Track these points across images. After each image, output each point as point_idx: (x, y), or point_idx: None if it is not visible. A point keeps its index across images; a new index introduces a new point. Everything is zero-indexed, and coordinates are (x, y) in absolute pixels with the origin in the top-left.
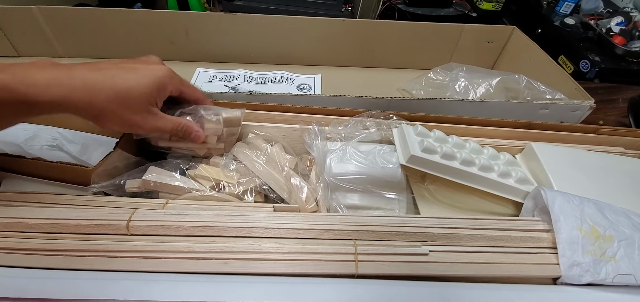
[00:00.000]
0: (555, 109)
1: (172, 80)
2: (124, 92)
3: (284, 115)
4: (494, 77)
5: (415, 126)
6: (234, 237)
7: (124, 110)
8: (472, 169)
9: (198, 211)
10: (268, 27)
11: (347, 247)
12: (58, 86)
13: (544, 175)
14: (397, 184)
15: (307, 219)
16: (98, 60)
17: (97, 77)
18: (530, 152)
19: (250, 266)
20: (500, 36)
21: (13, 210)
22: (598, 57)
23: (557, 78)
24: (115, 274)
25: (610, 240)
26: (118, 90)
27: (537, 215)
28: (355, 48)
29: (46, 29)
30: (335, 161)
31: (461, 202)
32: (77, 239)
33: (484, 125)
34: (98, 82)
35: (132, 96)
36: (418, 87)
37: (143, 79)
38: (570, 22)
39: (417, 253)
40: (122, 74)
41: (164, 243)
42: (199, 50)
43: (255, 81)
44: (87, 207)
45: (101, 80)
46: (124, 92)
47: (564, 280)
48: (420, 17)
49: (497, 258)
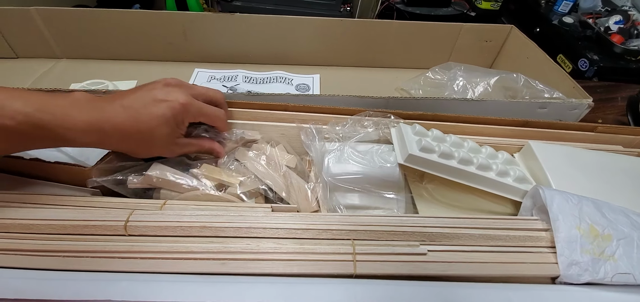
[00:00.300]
0: (554, 107)
1: (188, 112)
2: (149, 135)
3: (282, 113)
4: (492, 76)
5: (413, 125)
6: (231, 237)
7: (152, 148)
8: (470, 168)
9: (196, 211)
10: (266, 27)
11: (345, 247)
12: (92, 133)
13: (542, 174)
14: (395, 184)
15: (305, 219)
16: (126, 90)
17: (125, 120)
18: (528, 150)
19: (248, 267)
20: (498, 35)
21: (10, 211)
22: (596, 56)
23: (556, 77)
24: (113, 275)
25: (609, 239)
26: (143, 133)
27: (536, 214)
28: (354, 48)
29: (44, 30)
30: (333, 161)
31: (459, 201)
32: (74, 240)
33: (482, 124)
34: (126, 127)
35: (156, 138)
36: (416, 87)
37: (163, 120)
38: (569, 20)
39: (416, 253)
40: (144, 116)
41: (162, 244)
42: (197, 50)
43: (253, 81)
44: (85, 208)
45: (128, 124)
46: (149, 135)
47: (563, 279)
48: (419, 16)
49: (496, 257)
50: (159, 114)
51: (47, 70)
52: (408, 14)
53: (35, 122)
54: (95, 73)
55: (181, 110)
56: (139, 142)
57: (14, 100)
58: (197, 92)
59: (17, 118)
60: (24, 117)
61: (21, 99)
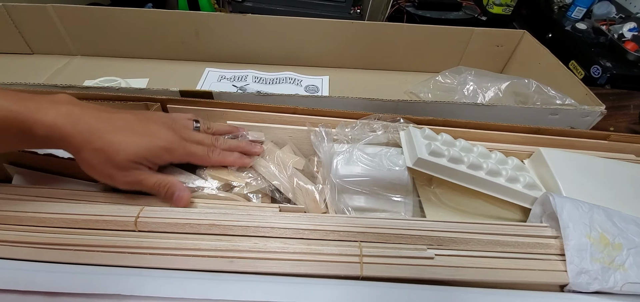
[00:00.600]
0: (565, 114)
1: (170, 154)
2: (110, 157)
3: (292, 116)
4: (503, 81)
5: (422, 129)
6: (239, 236)
7: (106, 174)
8: (479, 173)
9: (205, 209)
10: (277, 28)
11: (352, 249)
12: (56, 130)
13: (552, 181)
14: (403, 187)
15: (312, 220)
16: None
17: (91, 128)
18: (539, 157)
19: (256, 265)
20: (510, 40)
21: (24, 204)
22: (609, 63)
23: (568, 83)
24: (123, 270)
25: (620, 248)
26: (105, 153)
27: (545, 221)
28: (364, 50)
29: (60, 27)
30: (342, 163)
31: (468, 206)
32: (85, 234)
33: (492, 130)
34: (90, 136)
35: (116, 164)
36: (426, 90)
37: (133, 151)
38: (582, 27)
39: (423, 257)
40: (116, 137)
41: (171, 240)
42: (208, 50)
43: (263, 82)
44: (96, 202)
45: (94, 135)
46: (110, 157)
47: (572, 287)
48: (429, 20)
49: (504, 264)
50: (136, 140)
51: (61, 66)
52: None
53: (5, 114)
54: (109, 70)
55: (158, 148)
56: (98, 160)
57: None
58: (192, 138)
59: None
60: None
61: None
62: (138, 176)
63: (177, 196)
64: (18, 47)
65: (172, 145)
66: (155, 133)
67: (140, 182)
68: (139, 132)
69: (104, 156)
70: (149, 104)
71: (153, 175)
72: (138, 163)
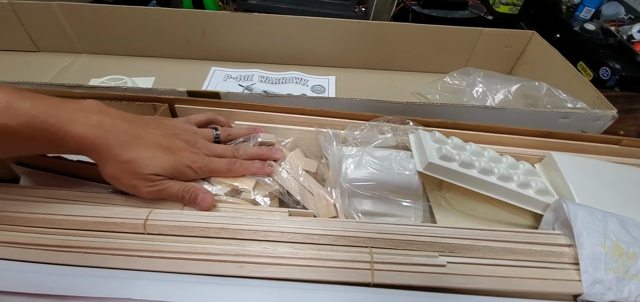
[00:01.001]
0: (576, 118)
1: (194, 172)
2: (137, 172)
3: (300, 117)
4: (513, 83)
5: (432, 133)
6: (249, 240)
7: (133, 187)
8: (490, 178)
9: (214, 212)
10: (283, 27)
11: (362, 255)
12: (87, 143)
13: (564, 186)
14: (413, 191)
15: (322, 225)
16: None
17: (120, 143)
18: (550, 162)
19: (265, 270)
20: (518, 41)
21: (33, 205)
22: (619, 65)
23: (578, 86)
24: (132, 273)
25: (634, 257)
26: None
27: (558, 228)
28: (370, 50)
29: (66, 25)
30: (352, 167)
31: (478, 211)
32: (94, 237)
33: (503, 133)
34: (117, 150)
35: (145, 171)
36: (433, 91)
37: (160, 167)
38: (591, 27)
39: (435, 264)
40: (145, 153)
41: (180, 243)
42: (214, 49)
43: (269, 81)
44: (105, 205)
45: (121, 150)
46: (137, 172)
47: (586, 297)
48: (434, 19)
49: (517, 272)
50: (157, 160)
51: (67, 64)
52: (424, 16)
53: (37, 125)
54: (115, 69)
55: (177, 170)
56: (125, 172)
57: (22, 101)
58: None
59: (19, 119)
60: (27, 118)
61: (29, 100)
62: (162, 186)
63: (201, 198)
64: (24, 45)
65: (196, 164)
66: (180, 151)
67: (165, 191)
68: (166, 149)
69: (132, 169)
70: (156, 105)
71: (176, 183)
72: (162, 176)
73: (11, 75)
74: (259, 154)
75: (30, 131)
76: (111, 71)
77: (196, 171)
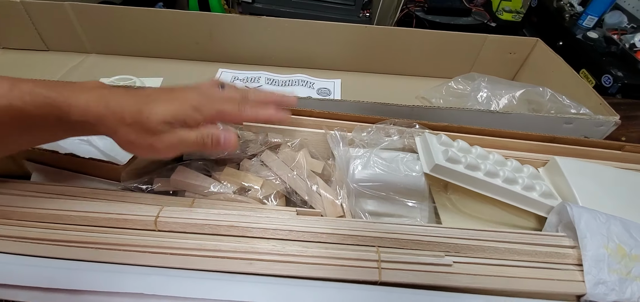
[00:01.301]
0: (580, 123)
1: (199, 112)
2: (146, 125)
3: (308, 119)
4: (517, 89)
5: (438, 135)
6: (258, 238)
7: (151, 146)
8: (496, 180)
9: (224, 210)
10: (290, 30)
11: (370, 254)
12: (92, 109)
13: (568, 190)
14: (419, 193)
15: (330, 224)
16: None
17: (125, 103)
18: (554, 166)
19: (275, 268)
20: (522, 48)
21: (45, 201)
22: (621, 73)
23: (582, 92)
24: (144, 269)
25: (636, 259)
26: (142, 122)
27: (562, 230)
28: (376, 54)
29: (77, 25)
30: (359, 168)
31: (483, 213)
32: (106, 232)
33: (507, 138)
34: (124, 110)
35: (150, 124)
36: (438, 96)
37: (165, 114)
38: (593, 36)
39: (441, 264)
40: (147, 105)
41: (191, 240)
42: (221, 51)
43: (276, 83)
44: (117, 201)
45: (128, 108)
46: (146, 125)
47: (589, 298)
48: (438, 25)
49: (521, 272)
50: (161, 107)
51: (76, 64)
52: (428, 22)
53: (41, 100)
54: (123, 69)
55: (189, 110)
56: (134, 133)
57: (24, 83)
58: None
59: (24, 98)
60: (31, 97)
61: (31, 82)
62: (177, 136)
63: (224, 139)
64: (33, 44)
65: (200, 103)
66: (181, 96)
67: (182, 142)
68: (166, 99)
69: (139, 127)
70: None
71: (192, 131)
72: (171, 124)
73: (21, 74)
74: (272, 98)
75: (35, 109)
76: (120, 71)
77: (201, 111)
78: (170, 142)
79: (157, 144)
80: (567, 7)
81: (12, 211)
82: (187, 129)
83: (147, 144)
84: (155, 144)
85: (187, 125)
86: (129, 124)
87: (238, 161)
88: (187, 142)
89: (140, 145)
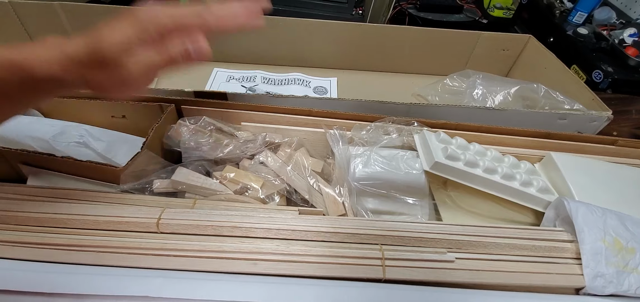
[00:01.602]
0: (574, 119)
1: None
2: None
3: (306, 118)
4: (512, 85)
5: (437, 133)
6: (261, 238)
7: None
8: (494, 177)
9: (226, 211)
10: (285, 29)
11: (373, 252)
12: (55, 56)
13: (564, 185)
14: (420, 190)
15: (333, 223)
16: None
17: (86, 39)
18: (549, 161)
19: (279, 268)
20: (515, 45)
21: (43, 205)
22: (611, 68)
23: (574, 88)
24: (148, 272)
25: (633, 252)
26: (104, 54)
27: (559, 225)
28: (371, 52)
29: (67, 25)
30: (360, 166)
31: (482, 209)
32: (108, 236)
33: (504, 134)
34: (87, 45)
35: (108, 53)
36: (433, 93)
37: (122, 35)
38: (583, 32)
39: (444, 260)
40: (100, 33)
41: (194, 242)
42: (216, 50)
43: (272, 82)
44: (117, 204)
45: (89, 42)
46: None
47: (588, 290)
48: (430, 22)
49: (522, 267)
50: (111, 33)
51: None
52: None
53: (5, 63)
54: None
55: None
56: (101, 73)
57: None
58: None
59: None
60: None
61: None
62: (142, 60)
63: (194, 49)
64: None
65: (151, 15)
66: (130, 15)
67: (150, 65)
68: (114, 23)
69: (99, 64)
70: (162, 105)
71: (156, 50)
72: (128, 47)
73: None
74: None
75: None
76: None
77: (158, 18)
78: (137, 69)
79: (126, 75)
80: (557, 3)
81: (9, 215)
82: (150, 50)
83: (118, 79)
84: (124, 76)
85: (147, 43)
86: (89, 64)
87: (237, 160)
88: (154, 63)
89: (113, 84)
